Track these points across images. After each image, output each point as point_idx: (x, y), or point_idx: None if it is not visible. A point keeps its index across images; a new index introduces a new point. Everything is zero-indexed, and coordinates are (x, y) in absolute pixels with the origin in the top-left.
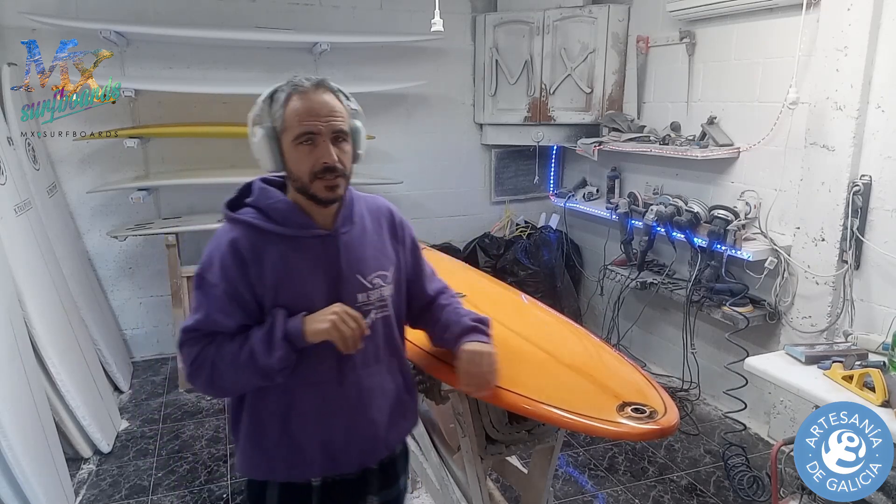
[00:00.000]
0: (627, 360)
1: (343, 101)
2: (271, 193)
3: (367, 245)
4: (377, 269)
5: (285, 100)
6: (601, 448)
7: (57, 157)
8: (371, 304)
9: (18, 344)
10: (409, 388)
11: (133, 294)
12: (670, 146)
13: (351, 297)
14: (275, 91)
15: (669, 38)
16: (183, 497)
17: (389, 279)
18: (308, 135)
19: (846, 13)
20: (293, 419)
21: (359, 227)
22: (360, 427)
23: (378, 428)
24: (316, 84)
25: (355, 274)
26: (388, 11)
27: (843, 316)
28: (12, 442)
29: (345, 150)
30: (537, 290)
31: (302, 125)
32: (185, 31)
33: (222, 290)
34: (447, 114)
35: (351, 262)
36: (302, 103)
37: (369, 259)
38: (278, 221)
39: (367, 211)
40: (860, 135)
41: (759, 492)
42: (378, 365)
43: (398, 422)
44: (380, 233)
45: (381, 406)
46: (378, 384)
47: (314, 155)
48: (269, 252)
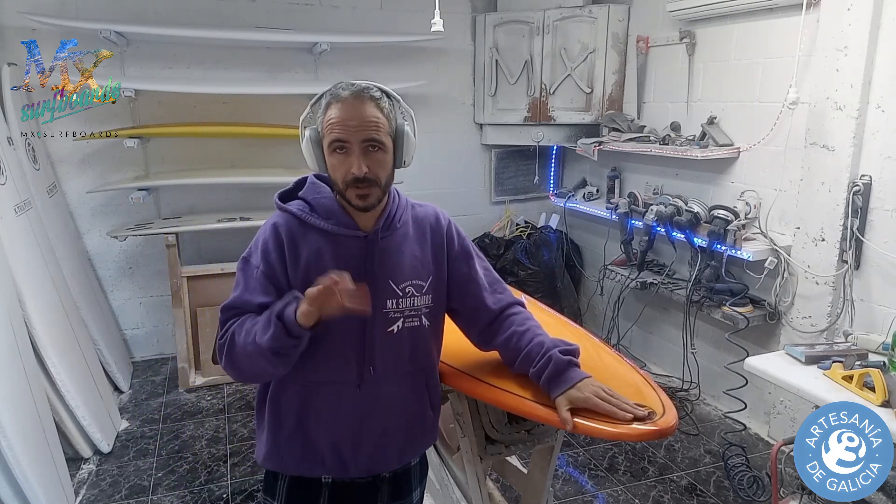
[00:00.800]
0: (626, 360)
1: (385, 109)
2: (320, 189)
3: (405, 252)
4: (412, 278)
5: (325, 106)
6: (601, 448)
7: (57, 157)
8: (400, 311)
9: (18, 344)
10: (434, 405)
11: (133, 294)
12: (670, 146)
13: (379, 302)
14: (321, 95)
15: (669, 38)
16: (183, 497)
17: (426, 289)
18: (339, 143)
19: (846, 13)
20: (309, 415)
21: (400, 234)
22: (371, 434)
23: (390, 438)
24: (355, 92)
25: (387, 279)
26: (388, 11)
27: (843, 316)
28: (12, 442)
29: (378, 160)
30: (537, 290)
31: (333, 133)
32: (185, 31)
33: (262, 272)
34: (447, 114)
35: (385, 267)
36: (337, 111)
37: (405, 266)
38: (321, 216)
39: (413, 219)
40: (860, 135)
41: (759, 492)
42: (399, 375)
43: (415, 436)
44: (422, 242)
45: (398, 417)
46: (397, 394)
47: (346, 164)
48: (307, 242)
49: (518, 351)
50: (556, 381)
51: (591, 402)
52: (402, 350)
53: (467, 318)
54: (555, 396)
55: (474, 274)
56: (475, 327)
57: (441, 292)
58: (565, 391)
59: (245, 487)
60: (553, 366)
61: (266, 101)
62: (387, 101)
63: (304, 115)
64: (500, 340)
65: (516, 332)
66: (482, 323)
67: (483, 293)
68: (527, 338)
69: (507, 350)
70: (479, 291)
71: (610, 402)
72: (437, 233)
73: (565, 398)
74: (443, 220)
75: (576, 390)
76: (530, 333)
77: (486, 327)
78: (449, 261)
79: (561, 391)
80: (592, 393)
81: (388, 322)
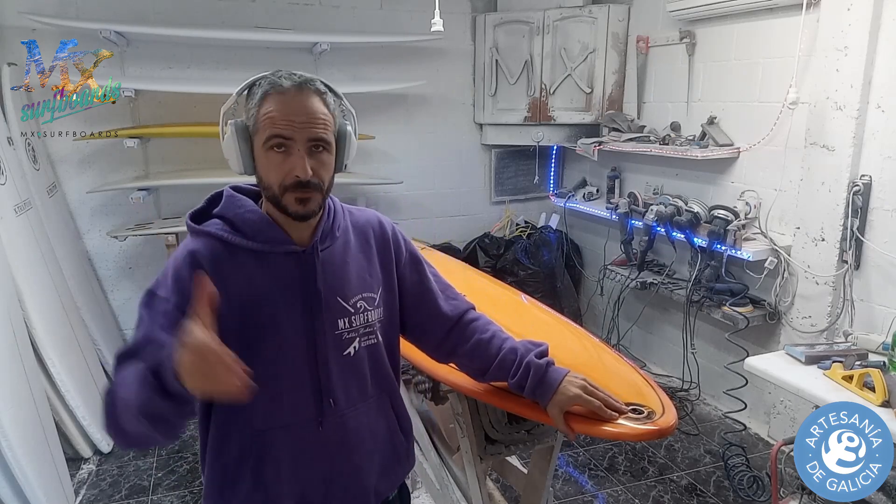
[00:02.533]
0: (626, 360)
1: (330, 105)
2: (241, 202)
3: (349, 263)
4: (361, 291)
5: (262, 97)
6: (601, 448)
7: (57, 157)
8: (354, 330)
9: (18, 344)
10: (403, 429)
11: (133, 294)
12: (670, 146)
13: (330, 323)
14: (252, 84)
15: (669, 38)
16: (183, 497)
17: (377, 302)
18: (280, 139)
19: (846, 13)
20: (264, 469)
21: (341, 244)
22: (344, 475)
23: (364, 475)
24: (299, 84)
25: (335, 296)
26: (388, 11)
27: (843, 316)
28: (12, 442)
29: (323, 162)
30: (537, 290)
31: (274, 128)
32: (185, 31)
33: (174, 305)
34: (447, 114)
35: (330, 283)
36: (277, 104)
37: (352, 279)
38: (247, 234)
39: (353, 225)
40: (860, 135)
41: (759, 492)
42: (365, 402)
43: (391, 467)
44: (366, 249)
45: (370, 450)
46: (365, 425)
47: (286, 164)
48: (234, 268)
49: (488, 360)
50: (540, 388)
51: (582, 399)
52: (363, 373)
53: (422, 329)
54: (545, 404)
55: (426, 281)
56: (432, 339)
57: (392, 303)
58: (552, 397)
59: None
60: (534, 373)
61: None
62: (331, 96)
63: (227, 105)
64: (464, 350)
65: (482, 341)
66: (440, 333)
67: (438, 300)
68: (495, 345)
69: (473, 360)
70: (433, 299)
71: (596, 397)
72: (383, 239)
73: (556, 407)
74: (387, 225)
75: (562, 393)
76: (497, 340)
77: (445, 337)
78: (398, 269)
79: (548, 398)
80: (580, 388)
81: (342, 344)
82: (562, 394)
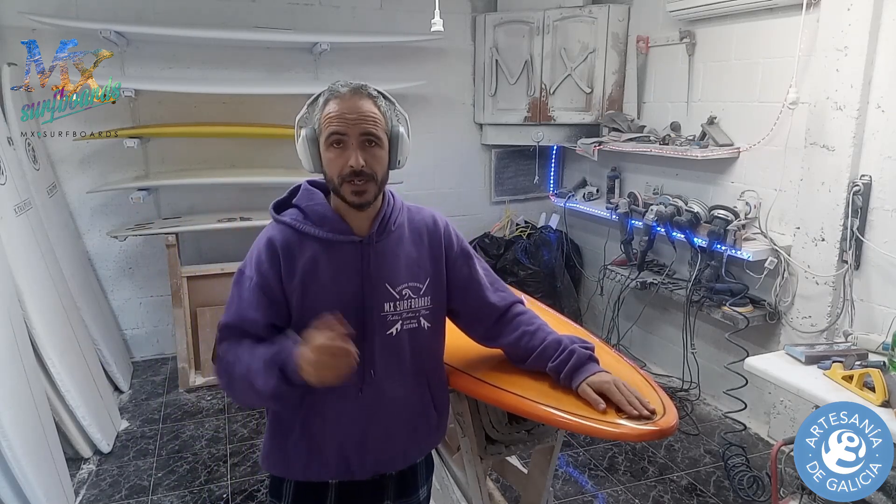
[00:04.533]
0: (626, 360)
1: (382, 107)
2: (313, 195)
3: (401, 255)
4: (408, 280)
5: (323, 103)
6: (601, 448)
7: (57, 157)
8: (398, 314)
9: (18, 344)
10: (437, 405)
11: (133, 294)
12: (670, 146)
13: (377, 306)
14: (318, 95)
15: (669, 38)
16: (183, 497)
17: (423, 291)
18: (337, 135)
19: (846, 13)
20: (313, 421)
21: (396, 237)
22: (375, 436)
23: (394, 440)
24: (353, 88)
25: (384, 283)
26: (388, 11)
27: (843, 316)
28: (12, 442)
29: (375, 155)
30: (537, 290)
31: (331, 126)
32: (185, 31)
33: (255, 283)
34: (447, 114)
35: (381, 271)
36: (335, 106)
37: (401, 269)
38: (315, 223)
39: (409, 221)
40: (860, 135)
41: (759, 492)
42: (401, 376)
43: (420, 437)
44: (418, 244)
45: (402, 418)
46: (401, 396)
47: (343, 158)
48: (302, 252)
49: (530, 349)
50: (577, 371)
51: (610, 389)
52: (403, 352)
53: (470, 317)
54: (577, 384)
55: (475, 274)
56: (479, 326)
57: (440, 294)
58: (586, 378)
59: (245, 487)
60: (576, 359)
61: (266, 101)
62: (383, 101)
63: (300, 114)
64: (509, 339)
65: (527, 332)
66: (488, 321)
67: (486, 292)
68: (539, 336)
69: (516, 348)
70: (481, 290)
71: (623, 394)
72: (435, 235)
73: (587, 385)
74: (440, 222)
75: (597, 377)
76: (542, 332)
77: (493, 325)
78: (449, 263)
79: (582, 379)
80: (612, 381)
81: (386, 325)
82: (596, 378)
